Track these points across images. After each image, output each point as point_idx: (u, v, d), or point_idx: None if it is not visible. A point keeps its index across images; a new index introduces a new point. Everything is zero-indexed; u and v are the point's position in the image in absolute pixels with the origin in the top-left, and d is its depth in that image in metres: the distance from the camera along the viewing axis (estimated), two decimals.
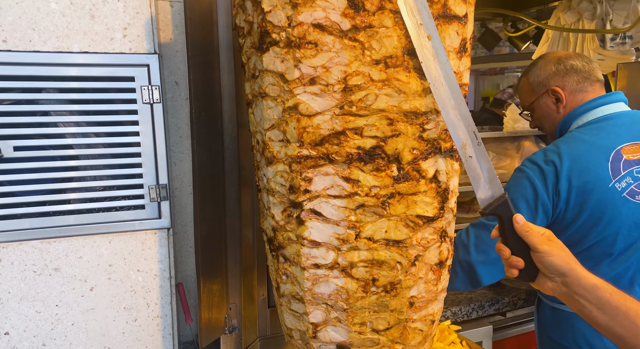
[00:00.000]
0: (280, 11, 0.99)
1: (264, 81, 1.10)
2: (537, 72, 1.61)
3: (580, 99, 1.54)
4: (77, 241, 1.43)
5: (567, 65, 1.56)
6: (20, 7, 1.27)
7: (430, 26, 0.96)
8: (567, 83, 1.55)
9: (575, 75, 1.55)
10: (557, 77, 1.56)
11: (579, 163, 1.38)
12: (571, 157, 1.39)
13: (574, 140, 1.45)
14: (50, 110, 1.35)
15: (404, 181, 1.05)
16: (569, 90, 1.55)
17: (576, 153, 1.40)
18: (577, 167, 1.38)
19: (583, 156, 1.39)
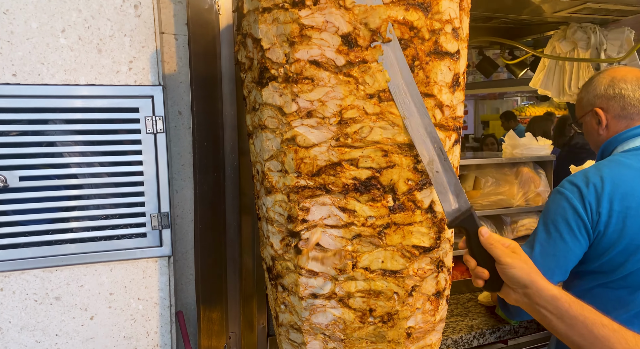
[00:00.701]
0: (278, 48, 1.04)
1: (263, 114, 1.13)
2: (589, 88, 1.58)
3: (625, 125, 1.51)
4: (78, 269, 1.44)
5: (616, 89, 1.51)
6: (30, 43, 1.31)
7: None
8: (612, 108, 1.52)
9: (621, 101, 1.51)
10: (603, 99, 1.53)
11: (622, 188, 1.35)
12: (614, 181, 1.37)
13: (618, 164, 1.43)
14: (55, 141, 1.38)
15: (400, 211, 1.07)
16: (612, 114, 1.52)
17: (620, 177, 1.37)
18: (619, 191, 1.35)
19: (627, 181, 1.37)
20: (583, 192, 1.38)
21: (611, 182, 1.37)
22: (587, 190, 1.38)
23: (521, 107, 9.56)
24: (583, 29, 2.59)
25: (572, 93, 2.74)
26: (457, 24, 1.05)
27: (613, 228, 1.36)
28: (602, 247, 1.39)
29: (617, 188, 1.36)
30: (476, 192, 2.45)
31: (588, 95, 1.58)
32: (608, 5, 2.27)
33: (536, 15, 2.51)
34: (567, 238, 1.39)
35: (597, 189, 1.37)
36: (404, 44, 1.00)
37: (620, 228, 1.35)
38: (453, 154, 1.16)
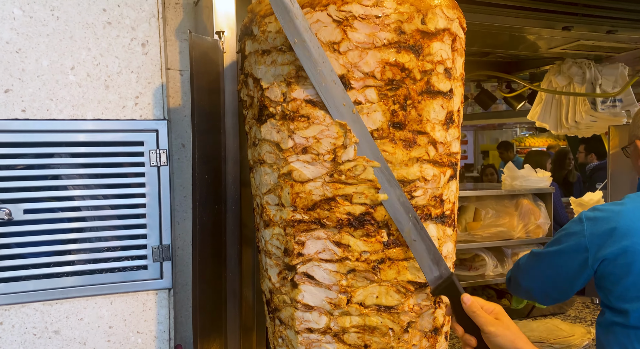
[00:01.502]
0: (276, 88, 1.09)
1: (262, 149, 1.17)
2: (635, 119, 1.57)
3: None
4: (78, 302, 1.44)
5: None
6: (40, 80, 1.36)
7: None
8: None
9: None
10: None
11: (636, 223, 1.35)
12: (630, 216, 1.37)
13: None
14: (61, 174, 1.41)
15: (394, 247, 1.08)
16: None
17: (637, 212, 1.37)
18: (632, 226, 1.35)
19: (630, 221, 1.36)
20: (598, 225, 1.39)
21: (628, 215, 1.37)
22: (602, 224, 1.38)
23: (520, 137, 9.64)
24: (578, 65, 2.65)
25: (570, 126, 2.79)
26: (450, 64, 1.09)
27: (621, 261, 1.35)
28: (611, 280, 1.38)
29: (633, 222, 1.36)
30: (476, 224, 2.45)
31: (633, 126, 1.59)
32: (601, 43, 2.34)
33: (532, 51, 2.58)
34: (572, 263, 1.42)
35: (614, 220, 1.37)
36: (395, 84, 1.04)
37: (628, 261, 1.34)
38: (449, 189, 1.17)
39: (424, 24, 1.04)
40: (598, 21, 2.13)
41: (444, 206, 1.15)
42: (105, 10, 1.42)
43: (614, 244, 1.35)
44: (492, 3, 1.90)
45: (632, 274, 1.34)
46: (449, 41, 1.08)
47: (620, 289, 1.37)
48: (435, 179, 1.11)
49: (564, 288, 1.49)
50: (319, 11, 1.02)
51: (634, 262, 1.33)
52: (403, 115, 1.05)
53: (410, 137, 1.06)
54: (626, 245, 1.34)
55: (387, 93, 1.04)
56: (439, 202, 1.14)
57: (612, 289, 1.39)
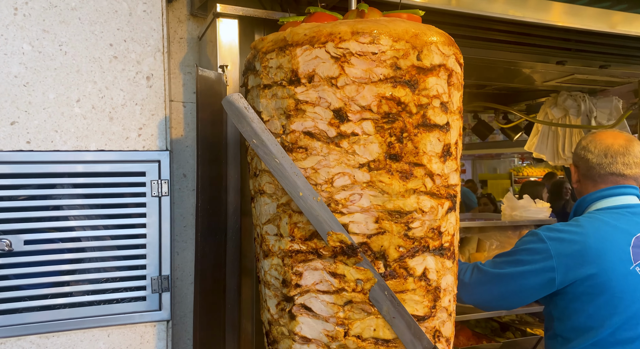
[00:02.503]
0: (276, 120, 1.12)
1: (262, 180, 1.19)
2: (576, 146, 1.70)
3: (592, 186, 1.61)
4: (75, 335, 1.42)
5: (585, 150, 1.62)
6: (46, 112, 1.39)
7: None
8: (580, 166, 1.64)
9: (585, 162, 1.62)
10: (575, 157, 1.67)
11: (604, 243, 1.42)
12: (596, 236, 1.43)
13: (597, 220, 1.50)
14: (62, 204, 1.42)
15: (391, 278, 1.08)
16: (581, 172, 1.64)
17: (600, 233, 1.44)
18: (601, 247, 1.42)
19: (607, 237, 1.44)
20: (565, 241, 1.44)
21: (594, 237, 1.44)
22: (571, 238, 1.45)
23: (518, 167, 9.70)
24: (573, 97, 2.71)
25: (567, 157, 2.81)
26: (446, 98, 1.12)
27: (595, 281, 1.40)
28: (584, 300, 1.42)
29: (600, 243, 1.42)
30: (480, 254, 2.44)
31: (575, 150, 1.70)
32: (595, 77, 2.40)
33: (527, 83, 2.64)
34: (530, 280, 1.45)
35: (581, 241, 1.43)
36: (392, 117, 1.06)
37: (602, 281, 1.39)
38: (447, 221, 1.17)
39: (420, 60, 1.07)
40: (591, 56, 2.19)
41: (442, 238, 1.15)
42: (112, 45, 1.46)
43: (587, 265, 1.40)
44: (488, 38, 1.96)
45: (606, 292, 1.39)
46: (445, 76, 1.11)
47: (593, 308, 1.41)
48: (432, 211, 1.12)
49: (520, 302, 1.52)
50: (318, 48, 1.06)
51: (609, 280, 1.39)
52: (399, 147, 1.07)
53: (406, 169, 1.08)
54: (600, 265, 1.39)
55: (384, 125, 1.06)
56: (437, 234, 1.14)
57: (584, 308, 1.42)
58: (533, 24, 1.81)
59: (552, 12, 1.83)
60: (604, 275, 1.40)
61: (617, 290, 1.40)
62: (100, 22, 1.45)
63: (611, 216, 1.52)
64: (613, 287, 1.40)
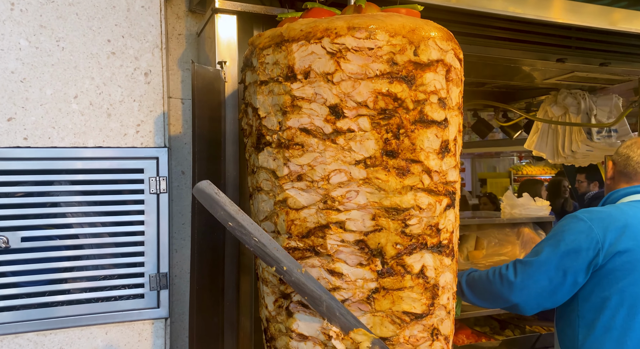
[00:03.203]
0: (273, 117, 1.12)
1: (259, 177, 1.19)
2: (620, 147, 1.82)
3: (625, 182, 1.74)
4: (73, 332, 1.42)
5: (628, 149, 1.74)
6: (43, 108, 1.39)
7: None
8: (618, 163, 1.76)
9: (625, 160, 1.74)
10: (616, 155, 1.79)
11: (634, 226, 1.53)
12: (636, 216, 1.55)
13: (630, 206, 1.61)
14: (60, 201, 1.42)
15: (389, 276, 1.07)
16: (618, 169, 1.76)
17: (629, 218, 1.55)
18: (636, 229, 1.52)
19: (635, 221, 1.54)
20: (604, 221, 1.53)
21: (634, 219, 1.54)
22: (609, 219, 1.53)
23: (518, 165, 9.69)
24: (573, 95, 2.70)
25: (566, 155, 2.81)
26: (444, 94, 1.11)
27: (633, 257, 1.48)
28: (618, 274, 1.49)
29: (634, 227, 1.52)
30: (478, 252, 2.44)
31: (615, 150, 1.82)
32: (595, 75, 2.39)
33: (527, 81, 2.63)
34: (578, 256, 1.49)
35: (619, 221, 1.52)
36: (388, 113, 1.05)
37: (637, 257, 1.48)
38: (446, 218, 1.16)
39: (417, 56, 1.06)
40: (591, 53, 2.18)
41: (440, 235, 1.15)
42: (109, 41, 1.46)
43: (626, 239, 1.49)
44: (488, 35, 1.95)
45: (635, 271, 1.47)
46: (443, 71, 1.10)
47: (624, 283, 1.48)
48: (430, 208, 1.12)
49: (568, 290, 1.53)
50: (314, 44, 1.05)
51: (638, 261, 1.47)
52: (396, 143, 1.06)
53: (403, 165, 1.07)
54: (636, 242, 1.49)
55: (380, 122, 1.05)
56: (435, 231, 1.14)
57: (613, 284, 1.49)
58: (533, 21, 1.81)
59: (552, 9, 1.82)
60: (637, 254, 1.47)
61: None
62: (98, 17, 1.44)
63: (637, 208, 1.60)
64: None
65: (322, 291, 1.06)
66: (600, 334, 1.50)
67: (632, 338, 1.47)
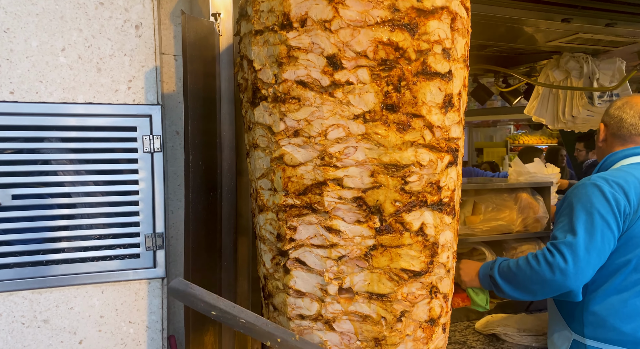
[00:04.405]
0: (268, 69, 1.07)
1: (255, 133, 1.15)
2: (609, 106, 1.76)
3: (619, 144, 1.69)
4: (69, 291, 1.41)
5: (621, 111, 1.68)
6: (29, 61, 1.33)
7: None
8: (611, 126, 1.70)
9: (619, 122, 1.68)
10: (607, 117, 1.72)
11: None
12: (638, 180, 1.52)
13: (628, 172, 1.56)
14: (50, 159, 1.38)
15: (387, 233, 1.05)
16: (611, 132, 1.70)
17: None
18: None
19: None
20: (623, 186, 1.49)
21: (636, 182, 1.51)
22: (627, 184, 1.50)
23: (514, 135, 9.67)
24: (576, 59, 2.64)
25: (566, 121, 2.77)
26: (449, 44, 1.06)
27: None
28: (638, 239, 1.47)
29: None
30: (476, 217, 2.44)
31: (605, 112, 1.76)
32: (600, 36, 2.33)
33: (530, 44, 2.56)
34: (613, 227, 1.46)
35: (635, 184, 1.50)
36: (389, 64, 1.01)
37: None
38: (447, 176, 1.14)
39: (420, 2, 1.01)
40: (597, 14, 2.12)
41: (441, 193, 1.12)
42: None
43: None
44: None
45: None
46: (448, 20, 1.05)
47: None
48: (431, 164, 1.09)
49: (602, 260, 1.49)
50: None
51: None
52: (397, 96, 1.02)
53: (404, 120, 1.04)
54: None
55: (380, 73, 1.01)
56: (436, 189, 1.11)
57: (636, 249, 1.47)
58: None
59: None
60: None
61: None
62: None
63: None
64: None
65: None
66: (609, 296, 1.49)
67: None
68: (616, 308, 1.47)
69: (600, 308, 1.50)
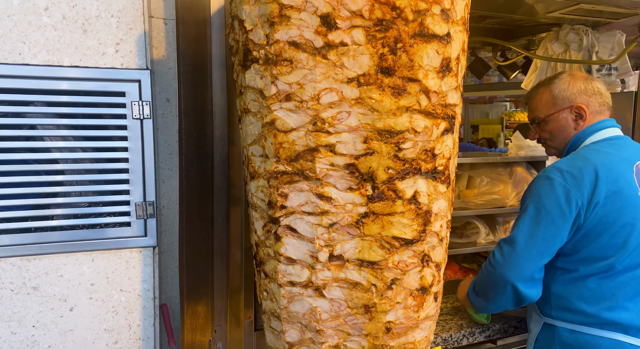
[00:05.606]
0: (259, 29, 1.02)
1: (247, 97, 1.12)
2: (564, 86, 1.65)
3: (598, 119, 1.63)
4: (58, 259, 1.40)
5: (594, 86, 1.63)
6: (11, 20, 1.28)
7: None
8: (592, 104, 1.61)
9: (599, 97, 1.62)
10: (585, 96, 1.62)
11: (613, 172, 1.44)
12: (604, 165, 1.45)
13: (599, 152, 1.51)
14: (37, 124, 1.34)
15: (379, 201, 1.04)
16: (592, 110, 1.62)
17: (607, 162, 1.46)
18: (611, 175, 1.44)
19: (613, 166, 1.46)
20: (577, 177, 1.45)
21: (603, 167, 1.45)
22: (580, 174, 1.45)
23: (510, 112, 9.64)
24: (575, 31, 2.59)
25: None
26: (447, 4, 1.01)
27: (609, 209, 1.42)
28: (600, 228, 1.44)
29: (610, 172, 1.44)
30: (470, 191, 2.43)
31: (564, 93, 1.65)
32: (601, 7, 2.28)
33: (529, 15, 2.51)
34: (558, 222, 1.44)
35: (590, 174, 1.44)
36: (385, 25, 0.97)
37: (617, 208, 1.42)
38: (443, 143, 1.11)
39: None
40: None
41: (436, 161, 1.10)
42: None
43: (604, 186, 1.42)
44: None
45: (619, 221, 1.42)
46: None
47: (606, 238, 1.43)
48: (426, 131, 1.06)
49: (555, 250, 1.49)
50: None
51: (622, 208, 1.42)
52: (392, 59, 0.99)
53: (399, 84, 1.00)
54: (612, 192, 1.42)
55: (376, 34, 0.97)
56: (431, 156, 1.09)
57: (597, 239, 1.44)
58: None
59: None
60: (617, 202, 1.42)
61: (630, 216, 1.42)
62: None
63: (611, 147, 1.53)
64: (626, 214, 1.42)
65: None
66: (573, 281, 1.50)
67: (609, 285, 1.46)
68: (580, 291, 1.48)
69: (565, 291, 1.51)
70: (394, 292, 1.10)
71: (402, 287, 1.11)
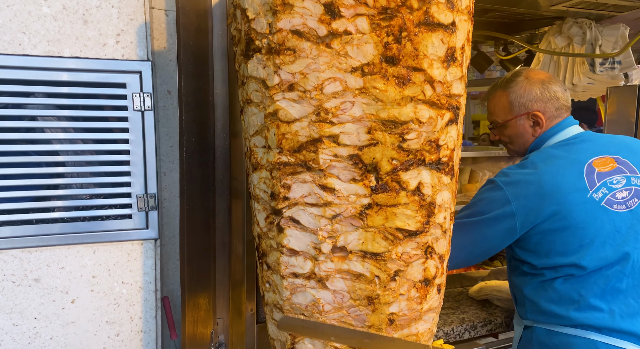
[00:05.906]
0: (262, 18, 1.01)
1: (249, 88, 1.10)
2: (520, 91, 1.62)
3: (553, 124, 1.61)
4: (59, 250, 1.39)
5: (550, 91, 1.60)
6: (11, 10, 1.27)
7: None
8: (549, 110, 1.60)
9: (556, 102, 1.60)
10: (541, 103, 1.60)
11: (558, 178, 1.43)
12: (550, 172, 1.44)
13: (549, 156, 1.51)
14: (37, 115, 1.34)
15: (383, 192, 1.03)
16: (548, 116, 1.60)
17: (554, 168, 1.45)
18: (557, 181, 1.42)
19: (560, 171, 1.44)
20: (522, 183, 1.44)
21: (548, 172, 1.43)
22: (527, 179, 1.44)
23: None
24: (579, 25, 2.57)
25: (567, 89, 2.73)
26: None
27: (559, 215, 1.40)
28: (550, 234, 1.43)
29: (555, 177, 1.43)
30: (472, 186, 2.43)
31: (520, 99, 1.62)
32: (605, 0, 2.26)
33: (532, 8, 2.49)
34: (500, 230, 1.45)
35: (537, 179, 1.43)
36: (390, 13, 0.95)
37: (565, 212, 1.40)
38: (447, 134, 1.10)
39: None
40: None
41: (440, 152, 1.09)
42: None
43: (546, 204, 1.40)
44: None
45: (570, 226, 1.40)
46: None
47: (560, 243, 1.42)
48: (431, 122, 1.05)
49: (485, 254, 1.52)
50: None
51: (570, 213, 1.40)
52: (397, 48, 0.98)
53: (404, 74, 0.99)
54: (559, 200, 1.40)
55: (381, 23, 0.96)
56: (435, 147, 1.08)
57: (552, 247, 1.43)
58: None
59: None
60: (565, 209, 1.40)
61: (580, 220, 1.40)
62: None
63: (562, 148, 1.52)
64: (575, 218, 1.40)
65: None
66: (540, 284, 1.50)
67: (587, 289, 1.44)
68: (549, 294, 1.47)
69: (536, 295, 1.51)
70: (397, 284, 1.09)
71: (406, 279, 1.10)
